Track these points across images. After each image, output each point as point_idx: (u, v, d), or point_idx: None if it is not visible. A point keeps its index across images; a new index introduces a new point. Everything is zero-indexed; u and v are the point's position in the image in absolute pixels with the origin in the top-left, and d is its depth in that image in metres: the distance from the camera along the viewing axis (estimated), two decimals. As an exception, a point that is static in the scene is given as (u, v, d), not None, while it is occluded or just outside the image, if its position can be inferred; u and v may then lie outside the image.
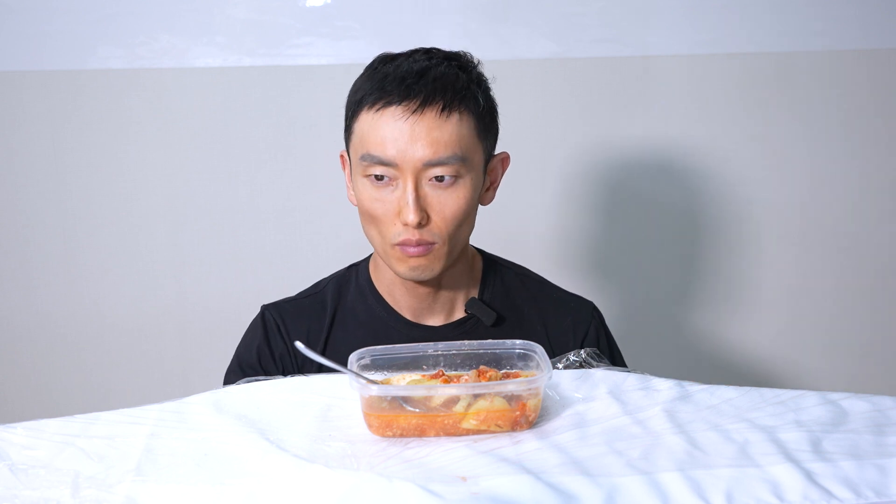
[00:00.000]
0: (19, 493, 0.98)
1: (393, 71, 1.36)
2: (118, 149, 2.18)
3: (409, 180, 1.34)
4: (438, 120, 1.33)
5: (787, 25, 2.21)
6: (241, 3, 2.13)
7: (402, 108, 1.33)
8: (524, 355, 1.20)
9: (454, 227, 1.38)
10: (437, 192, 1.35)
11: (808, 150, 2.27)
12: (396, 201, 1.35)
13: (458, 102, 1.35)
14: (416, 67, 1.36)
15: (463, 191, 1.37)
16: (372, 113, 1.35)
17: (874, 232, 2.31)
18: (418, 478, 0.99)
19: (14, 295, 2.23)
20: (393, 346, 1.21)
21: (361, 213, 1.41)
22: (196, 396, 1.20)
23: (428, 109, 1.33)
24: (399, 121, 1.33)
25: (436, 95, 1.34)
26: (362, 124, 1.37)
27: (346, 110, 1.43)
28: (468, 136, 1.36)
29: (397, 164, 1.33)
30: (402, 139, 1.33)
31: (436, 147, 1.33)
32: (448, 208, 1.36)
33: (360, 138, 1.37)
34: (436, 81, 1.35)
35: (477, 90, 1.39)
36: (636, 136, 2.23)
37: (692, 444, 1.09)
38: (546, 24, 2.16)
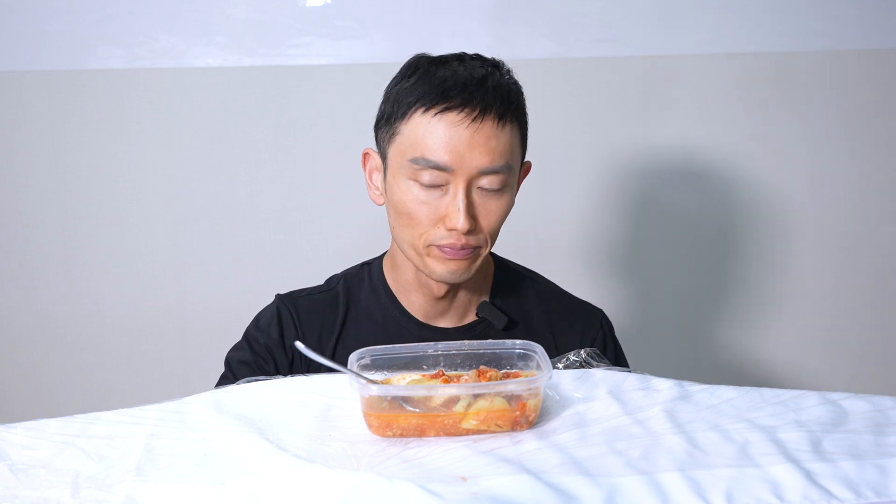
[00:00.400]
0: (19, 493, 0.98)
1: (451, 76, 1.35)
2: (118, 149, 2.18)
3: (461, 187, 1.33)
4: (496, 129, 1.33)
5: (787, 25, 2.21)
6: (241, 3, 2.13)
7: (463, 114, 1.32)
8: (524, 355, 1.20)
9: (494, 233, 1.39)
10: (484, 200, 1.36)
11: (807, 150, 2.27)
12: (444, 206, 1.34)
13: (511, 113, 1.35)
14: (475, 74, 1.35)
15: (507, 198, 1.38)
16: (429, 116, 1.33)
17: (874, 232, 2.32)
18: (418, 478, 0.99)
19: (14, 295, 2.23)
20: (393, 346, 1.21)
21: (397, 213, 1.39)
22: (196, 396, 1.20)
23: (487, 118, 1.33)
24: (459, 127, 1.32)
25: (495, 104, 1.33)
26: (416, 126, 1.34)
27: (387, 109, 1.40)
28: (516, 147, 1.38)
29: (453, 169, 1.32)
30: (461, 145, 1.32)
31: (492, 156, 1.33)
32: (493, 215, 1.37)
33: (413, 141, 1.34)
34: (495, 90, 1.34)
35: (523, 103, 1.40)
36: (636, 136, 2.23)
37: (692, 444, 1.09)
38: (546, 24, 2.17)
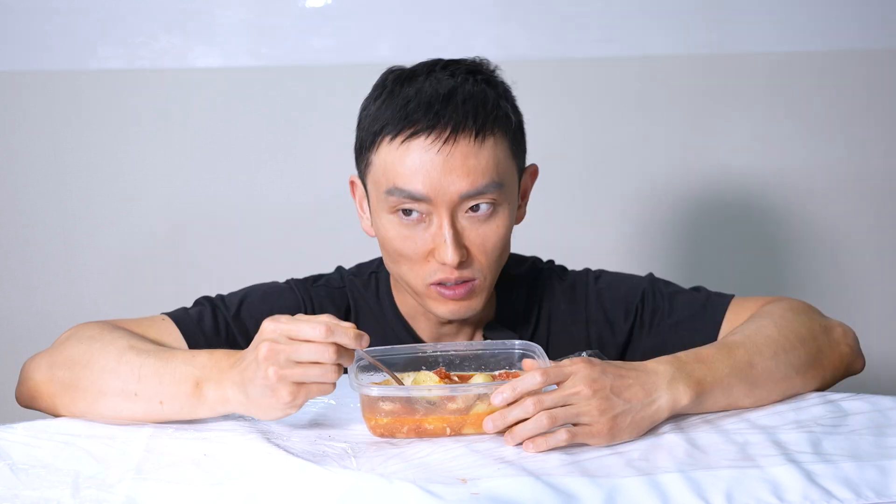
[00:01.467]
0: (20, 492, 0.98)
1: (415, 95, 1.23)
2: (118, 149, 2.18)
3: (445, 216, 1.22)
4: (473, 147, 1.21)
5: (786, 25, 2.21)
6: (241, 4, 2.13)
7: (431, 137, 1.20)
8: (525, 356, 1.20)
9: (495, 259, 1.27)
10: (474, 226, 1.24)
11: (806, 151, 2.27)
12: (431, 239, 1.23)
13: (491, 124, 1.23)
14: (440, 89, 1.22)
15: (502, 219, 1.25)
16: (396, 144, 1.22)
17: (873, 232, 2.31)
18: (418, 478, 0.99)
19: (14, 295, 2.23)
20: (392, 346, 1.21)
21: (386, 251, 1.28)
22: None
23: (461, 136, 1.20)
24: (429, 152, 1.20)
25: (468, 120, 1.21)
26: (385, 156, 1.23)
27: (359, 137, 1.29)
28: (503, 160, 1.25)
29: (431, 198, 1.21)
30: (435, 172, 1.20)
31: (473, 177, 1.21)
32: (489, 241, 1.24)
33: (384, 171, 1.23)
34: (465, 104, 1.22)
35: (507, 106, 1.27)
36: (636, 136, 2.23)
37: (692, 444, 1.09)
38: (546, 25, 2.16)
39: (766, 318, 1.26)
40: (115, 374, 1.13)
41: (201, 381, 1.10)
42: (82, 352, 1.16)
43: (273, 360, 1.03)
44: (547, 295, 1.41)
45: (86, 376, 1.14)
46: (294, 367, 1.03)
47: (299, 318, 1.05)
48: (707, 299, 1.39)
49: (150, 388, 1.12)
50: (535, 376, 1.07)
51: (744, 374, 1.17)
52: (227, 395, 1.09)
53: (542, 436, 1.06)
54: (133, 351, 1.15)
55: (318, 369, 1.03)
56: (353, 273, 1.43)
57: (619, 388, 1.09)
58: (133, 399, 1.13)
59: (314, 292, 1.38)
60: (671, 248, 2.29)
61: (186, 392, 1.11)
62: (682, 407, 1.13)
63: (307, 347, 1.02)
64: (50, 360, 1.18)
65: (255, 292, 1.37)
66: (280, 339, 1.03)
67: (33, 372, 1.19)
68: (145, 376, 1.12)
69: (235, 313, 1.33)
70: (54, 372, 1.17)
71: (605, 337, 1.39)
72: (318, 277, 1.42)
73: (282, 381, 1.03)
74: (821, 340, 1.26)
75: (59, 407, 1.17)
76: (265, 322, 1.06)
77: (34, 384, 1.19)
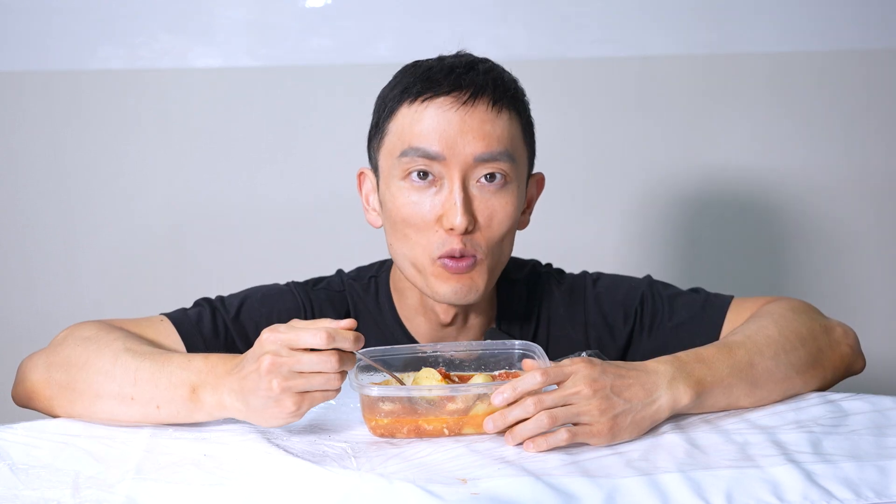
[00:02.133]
0: (20, 492, 0.98)
1: (437, 64, 1.27)
2: (118, 149, 2.18)
3: (457, 179, 1.22)
4: (490, 113, 1.23)
5: (786, 25, 2.21)
6: (241, 4, 2.13)
7: (451, 97, 1.23)
8: (525, 356, 1.20)
9: (499, 238, 1.26)
10: (485, 195, 1.24)
11: (807, 151, 2.27)
12: (440, 205, 1.23)
13: (508, 100, 1.26)
14: (463, 60, 1.27)
15: (511, 196, 1.26)
16: (416, 105, 1.24)
17: (873, 232, 2.31)
18: (418, 478, 0.99)
19: (14, 295, 2.23)
20: (392, 346, 1.21)
21: (393, 226, 1.27)
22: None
23: (479, 101, 1.23)
24: (448, 111, 1.23)
25: (487, 88, 1.24)
26: (402, 119, 1.25)
27: (375, 118, 1.32)
28: (517, 138, 1.27)
29: (445, 157, 1.22)
30: (452, 130, 1.22)
31: (488, 140, 1.23)
32: (496, 214, 1.24)
33: (400, 134, 1.25)
34: (487, 74, 1.25)
35: (521, 93, 1.31)
36: (635, 136, 2.23)
37: (692, 444, 1.09)
38: (546, 24, 2.16)
39: (766, 317, 1.26)
40: (111, 377, 1.13)
41: (198, 386, 1.10)
42: (79, 353, 1.16)
43: (276, 373, 1.03)
44: (546, 299, 1.41)
45: (82, 378, 1.14)
46: (297, 378, 1.03)
47: (298, 325, 1.05)
48: (707, 300, 1.39)
49: (147, 392, 1.12)
50: (536, 376, 1.07)
51: (744, 374, 1.17)
52: (223, 402, 1.09)
53: (542, 435, 1.06)
54: (129, 353, 1.14)
55: (321, 378, 1.04)
56: (353, 277, 1.42)
57: (620, 387, 1.09)
58: (129, 403, 1.13)
59: (314, 295, 1.38)
60: (671, 248, 2.29)
61: (183, 397, 1.11)
62: (682, 407, 1.13)
63: (309, 358, 1.02)
64: (47, 361, 1.18)
65: (254, 294, 1.37)
66: (281, 351, 1.03)
67: (30, 372, 1.19)
68: (141, 380, 1.12)
69: (235, 315, 1.33)
70: (51, 373, 1.17)
71: (604, 340, 1.39)
72: (318, 280, 1.41)
73: (285, 392, 1.04)
74: (821, 340, 1.26)
75: (56, 408, 1.17)
76: (264, 333, 1.05)
77: (31, 385, 1.19)
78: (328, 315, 1.35)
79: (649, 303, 1.39)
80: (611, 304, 1.40)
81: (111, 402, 1.13)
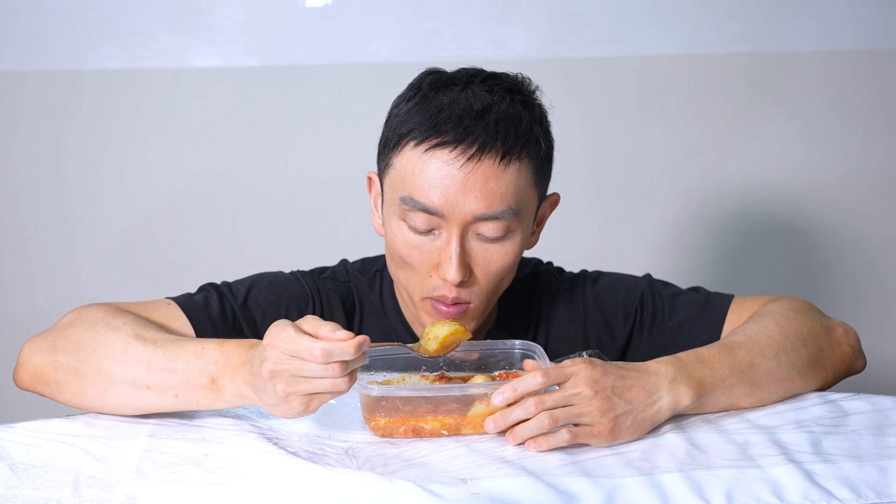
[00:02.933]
0: (20, 492, 0.98)
1: (448, 105, 1.19)
2: (118, 149, 2.18)
3: (455, 233, 1.19)
4: (496, 169, 1.18)
5: (785, 25, 2.21)
6: (241, 4, 2.13)
7: (456, 151, 1.17)
8: (525, 356, 1.20)
9: (496, 284, 1.24)
10: (483, 247, 1.21)
11: (807, 151, 2.27)
12: (437, 252, 1.21)
13: (519, 148, 1.19)
14: (475, 104, 1.19)
15: (511, 246, 1.23)
16: (420, 151, 1.19)
17: (873, 231, 2.32)
18: (418, 478, 0.99)
19: (14, 295, 2.23)
20: (392, 346, 1.21)
21: (390, 254, 1.26)
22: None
23: (486, 156, 1.17)
24: (451, 166, 1.17)
25: (496, 140, 1.18)
26: (406, 161, 1.20)
27: (384, 135, 1.26)
28: (525, 187, 1.22)
29: (444, 214, 1.18)
30: (454, 187, 1.17)
31: (490, 200, 1.18)
32: (493, 265, 1.22)
33: (402, 177, 1.21)
34: (498, 124, 1.18)
35: (539, 131, 1.24)
36: (635, 136, 2.23)
37: (692, 444, 1.09)
38: (546, 24, 2.17)
39: (767, 317, 1.26)
40: (123, 364, 1.11)
41: (217, 376, 1.09)
42: (87, 338, 1.14)
43: (278, 379, 1.02)
44: (546, 298, 1.41)
45: (93, 364, 1.12)
46: (302, 382, 1.02)
47: (303, 326, 1.03)
48: (707, 300, 1.38)
49: (163, 381, 1.10)
50: (536, 377, 1.07)
51: (745, 374, 1.17)
52: (242, 392, 1.08)
53: (543, 436, 1.06)
54: (140, 341, 1.12)
55: (327, 382, 1.02)
56: (358, 269, 1.41)
57: (621, 388, 1.09)
58: (145, 391, 1.11)
59: (321, 284, 1.36)
60: (670, 247, 2.29)
61: (203, 386, 1.09)
62: (683, 407, 1.13)
63: (310, 365, 1.01)
64: (53, 344, 1.16)
65: (262, 281, 1.35)
66: (281, 359, 1.01)
67: (33, 355, 1.17)
68: (156, 368, 1.10)
69: (243, 301, 1.31)
70: (57, 357, 1.14)
71: (603, 340, 1.39)
72: (322, 270, 1.40)
73: (291, 395, 1.03)
74: (822, 341, 1.26)
75: (64, 393, 1.15)
76: (267, 335, 1.03)
77: (35, 368, 1.16)
78: (335, 306, 1.35)
79: (649, 302, 1.39)
80: (610, 303, 1.40)
81: (126, 390, 1.12)
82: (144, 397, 1.12)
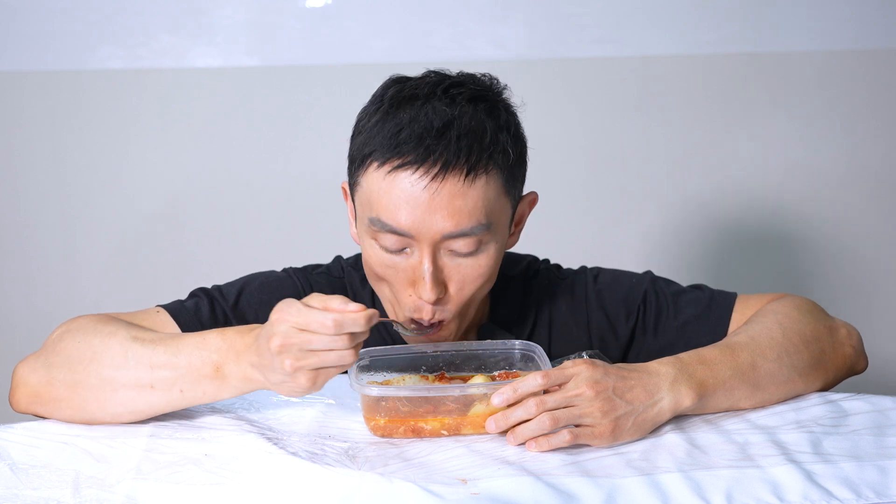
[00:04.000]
0: (20, 492, 0.98)
1: (409, 123, 1.17)
2: (118, 149, 2.18)
3: (426, 252, 1.17)
4: (462, 186, 1.15)
5: (785, 25, 2.21)
6: (241, 4, 2.13)
7: (420, 172, 1.15)
8: (525, 356, 1.20)
9: (472, 295, 1.22)
10: (456, 262, 1.19)
11: (807, 151, 2.27)
12: (411, 269, 1.19)
13: (485, 161, 1.17)
14: (435, 121, 1.16)
15: (485, 258, 1.20)
16: (383, 173, 1.17)
17: (872, 231, 2.32)
18: (418, 478, 0.99)
19: (14, 295, 2.23)
20: (392, 346, 1.21)
21: (367, 271, 1.25)
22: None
23: (451, 174, 1.15)
24: (415, 187, 1.15)
25: (459, 157, 1.15)
26: (371, 182, 1.18)
27: (351, 150, 1.24)
28: (495, 199, 1.19)
29: (412, 234, 1.17)
30: (420, 208, 1.15)
31: (458, 218, 1.16)
32: (468, 279, 1.20)
33: (369, 198, 1.19)
34: (460, 140, 1.16)
35: (507, 139, 1.20)
36: (635, 136, 2.23)
37: (692, 444, 1.09)
38: (546, 24, 2.16)
39: (770, 317, 1.26)
40: (124, 367, 1.10)
41: (221, 364, 1.09)
42: (83, 349, 1.13)
43: (287, 353, 1.02)
44: (546, 297, 1.39)
45: (94, 373, 1.11)
46: (309, 356, 1.02)
47: (310, 303, 1.03)
48: (712, 298, 1.37)
49: (167, 379, 1.10)
50: (537, 378, 1.07)
51: (746, 376, 1.17)
52: (248, 375, 1.08)
53: (544, 436, 1.06)
54: (137, 342, 1.12)
55: (334, 355, 1.02)
56: (352, 265, 1.40)
57: (622, 389, 1.09)
58: (149, 391, 1.10)
59: (314, 280, 1.36)
60: (670, 247, 2.29)
61: (208, 376, 1.09)
62: (684, 408, 1.13)
63: (319, 337, 1.01)
64: (46, 361, 1.14)
65: (252, 282, 1.35)
66: (290, 332, 1.01)
67: (28, 375, 1.15)
68: (158, 366, 1.10)
69: (234, 304, 1.31)
70: (53, 374, 1.13)
71: (606, 338, 1.38)
72: (316, 266, 1.40)
73: (299, 370, 1.03)
74: (825, 342, 1.26)
75: (64, 409, 1.13)
76: (274, 311, 1.03)
77: (31, 388, 1.14)
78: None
79: (653, 301, 1.38)
80: (612, 301, 1.39)
81: (129, 393, 1.11)
82: (148, 398, 1.11)
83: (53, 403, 1.14)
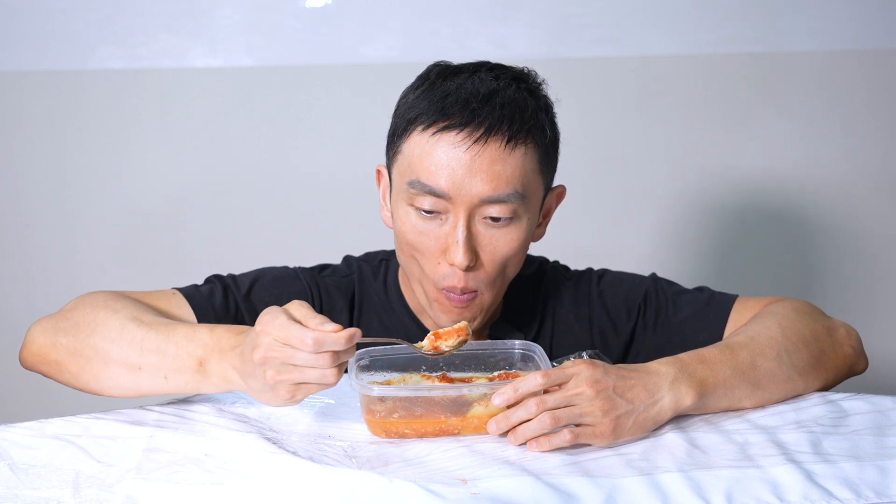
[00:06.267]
0: (20, 492, 0.98)
1: (455, 90, 1.22)
2: (118, 149, 2.18)
3: (462, 216, 1.21)
4: (502, 152, 1.20)
5: (786, 26, 2.21)
6: (241, 4, 2.13)
7: (463, 134, 1.19)
8: (525, 356, 1.20)
9: (501, 271, 1.26)
10: (489, 231, 1.23)
11: (806, 151, 2.27)
12: (444, 237, 1.22)
13: (525, 133, 1.22)
14: (482, 89, 1.22)
15: (517, 231, 1.24)
16: (427, 135, 1.21)
17: (873, 231, 2.32)
18: (418, 478, 0.99)
19: (14, 295, 2.23)
20: (393, 346, 1.21)
21: (399, 243, 1.28)
22: (196, 397, 1.21)
23: (492, 139, 1.20)
24: (458, 149, 1.19)
25: (502, 124, 1.20)
26: (414, 146, 1.22)
27: (392, 125, 1.28)
28: (531, 172, 1.24)
29: (451, 196, 1.20)
30: (460, 170, 1.19)
31: (496, 182, 1.20)
32: (500, 249, 1.23)
33: (410, 162, 1.23)
34: (504, 108, 1.21)
35: (545, 119, 1.26)
36: (635, 136, 2.23)
37: (692, 444, 1.09)
38: (546, 24, 2.17)
39: (769, 318, 1.26)
40: (118, 344, 1.14)
41: (204, 360, 1.10)
42: (88, 320, 1.17)
43: (268, 365, 1.02)
44: (552, 295, 1.41)
45: (91, 345, 1.15)
46: (291, 370, 1.02)
47: (293, 314, 1.04)
48: (711, 298, 1.39)
49: (154, 363, 1.12)
50: (537, 377, 1.07)
51: (746, 375, 1.17)
52: (229, 376, 1.09)
53: (545, 436, 1.07)
54: (135, 323, 1.15)
55: (315, 372, 1.03)
56: (363, 259, 1.43)
57: (622, 388, 1.09)
58: (137, 372, 1.13)
59: (321, 281, 1.38)
60: (671, 248, 2.29)
61: (191, 368, 1.11)
62: (685, 408, 1.13)
63: (300, 354, 1.01)
64: (56, 325, 1.20)
65: (266, 276, 1.37)
66: (273, 346, 1.02)
67: (38, 335, 1.21)
68: (148, 349, 1.12)
69: (246, 294, 1.33)
70: (58, 338, 1.18)
71: (607, 336, 1.39)
72: (324, 267, 1.42)
73: (279, 383, 1.03)
74: (824, 342, 1.26)
75: (63, 373, 1.18)
76: (259, 322, 1.04)
77: (38, 348, 1.20)
78: (336, 301, 1.37)
79: (653, 299, 1.39)
80: (614, 299, 1.40)
81: (119, 370, 1.14)
82: (135, 378, 1.14)
83: (55, 366, 1.19)
